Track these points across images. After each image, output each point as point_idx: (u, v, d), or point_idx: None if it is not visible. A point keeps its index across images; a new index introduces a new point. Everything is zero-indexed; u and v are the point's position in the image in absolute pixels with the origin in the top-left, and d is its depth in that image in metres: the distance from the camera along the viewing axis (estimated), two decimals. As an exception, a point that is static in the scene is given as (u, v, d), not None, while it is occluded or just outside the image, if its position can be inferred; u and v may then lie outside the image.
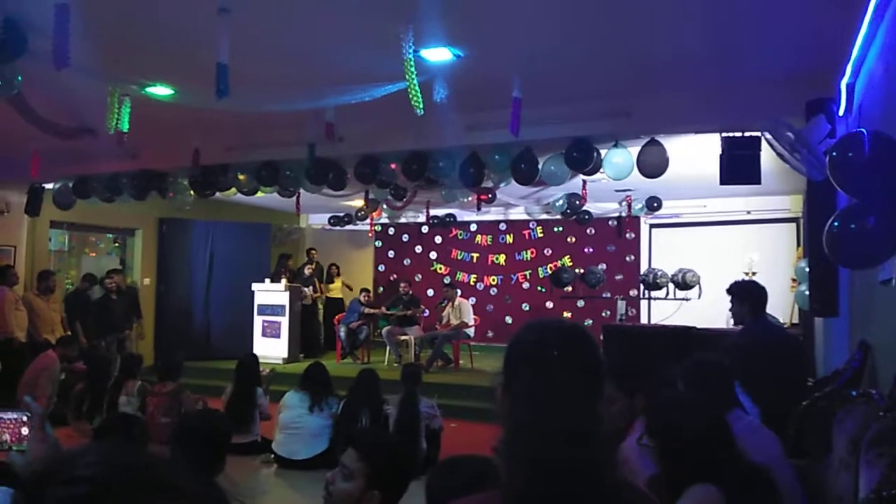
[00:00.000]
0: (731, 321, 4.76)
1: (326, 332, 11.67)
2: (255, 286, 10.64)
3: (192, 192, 8.00)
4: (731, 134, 5.21)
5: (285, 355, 10.18)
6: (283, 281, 10.78)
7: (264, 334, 10.48)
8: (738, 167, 5.15)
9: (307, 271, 11.44)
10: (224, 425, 2.84)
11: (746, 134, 5.16)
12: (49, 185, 8.78)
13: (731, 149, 5.16)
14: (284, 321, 10.38)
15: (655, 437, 2.08)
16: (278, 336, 10.38)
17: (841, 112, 4.47)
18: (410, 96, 4.23)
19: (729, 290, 4.40)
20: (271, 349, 10.14)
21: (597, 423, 1.25)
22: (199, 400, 6.09)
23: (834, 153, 2.80)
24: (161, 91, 5.34)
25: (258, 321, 10.53)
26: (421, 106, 4.32)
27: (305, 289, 11.14)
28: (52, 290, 8.52)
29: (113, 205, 8.61)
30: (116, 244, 11.34)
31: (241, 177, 7.53)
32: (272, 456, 5.94)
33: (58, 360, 7.12)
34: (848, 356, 3.94)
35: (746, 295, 4.37)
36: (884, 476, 1.93)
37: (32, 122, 5.70)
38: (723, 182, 5.30)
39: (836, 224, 2.79)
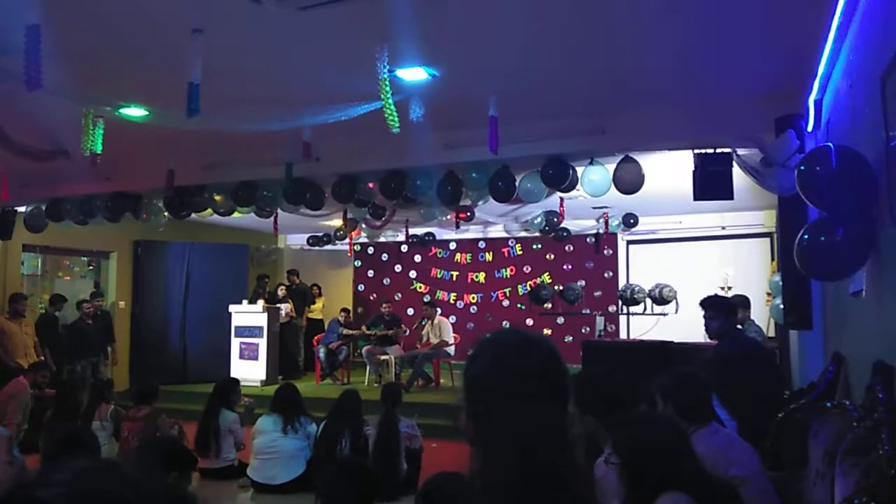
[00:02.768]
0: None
1: (306, 353, 11.57)
2: (232, 308, 10.52)
3: (166, 214, 7.92)
4: (703, 150, 5.29)
5: (263, 377, 10.05)
6: (261, 302, 10.68)
7: (242, 356, 10.34)
8: (711, 183, 5.23)
9: (280, 293, 11.38)
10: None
11: (718, 150, 5.24)
12: (21, 208, 8.66)
13: (703, 165, 5.24)
14: (262, 343, 10.25)
15: (619, 454, 2.10)
16: (256, 358, 10.25)
17: (809, 128, 4.56)
18: (386, 115, 4.25)
19: (709, 305, 4.41)
20: (249, 371, 10.00)
21: (571, 445, 1.22)
22: (175, 424, 5.97)
23: (802, 167, 2.86)
24: (135, 112, 5.30)
25: (235, 343, 10.39)
26: (397, 125, 4.33)
27: (282, 305, 11.05)
28: (21, 314, 8.35)
29: (86, 227, 8.50)
30: (91, 267, 11.17)
31: (217, 197, 7.48)
32: (249, 480, 5.83)
33: (28, 386, 6.96)
34: (822, 368, 3.99)
35: (730, 310, 4.43)
36: (857, 485, 1.95)
37: (5, 146, 5.62)
38: (696, 198, 5.37)
39: (805, 237, 2.83)
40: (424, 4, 3.57)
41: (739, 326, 5.69)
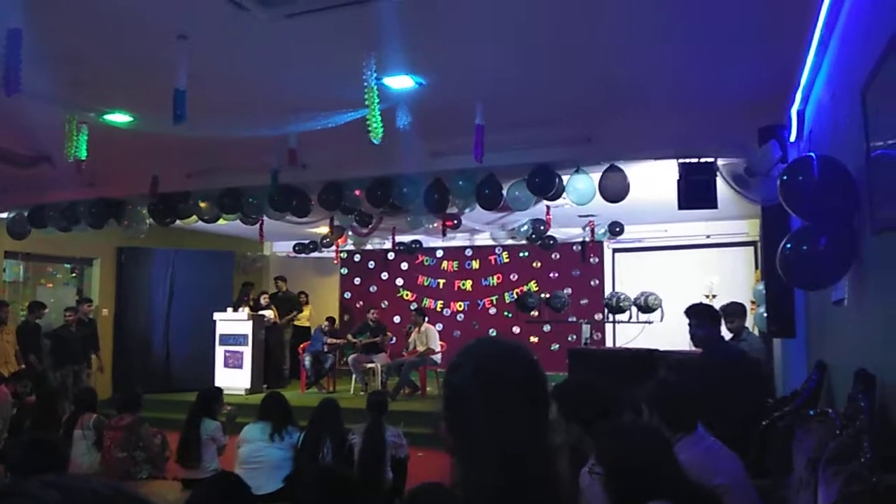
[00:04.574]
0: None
1: (291, 361, 11.51)
2: (216, 315, 10.45)
3: (150, 220, 7.86)
4: (687, 160, 5.34)
5: (248, 386, 9.98)
6: (245, 310, 10.62)
7: (226, 365, 10.26)
8: (696, 192, 5.27)
9: (263, 301, 11.34)
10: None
11: (702, 160, 5.29)
12: (3, 215, 8.57)
13: (688, 174, 5.28)
14: (247, 351, 10.18)
15: (602, 464, 2.09)
16: (240, 366, 10.17)
17: (792, 138, 4.61)
18: (369, 125, 4.24)
19: (694, 313, 4.43)
20: (233, 380, 9.93)
21: (554, 454, 1.22)
22: (158, 434, 5.90)
23: (785, 177, 2.89)
24: (119, 118, 5.26)
25: (220, 351, 10.31)
26: (379, 136, 4.31)
27: (265, 313, 11.01)
28: (3, 322, 8.24)
29: (70, 234, 8.42)
30: (74, 274, 11.06)
31: (202, 204, 7.43)
32: (233, 490, 5.76)
33: (8, 395, 6.86)
34: (806, 376, 4.02)
35: (715, 318, 4.46)
36: (839, 493, 1.96)
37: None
38: (681, 207, 5.41)
39: (788, 246, 2.85)
40: (411, 13, 3.58)
41: (731, 335, 5.70)
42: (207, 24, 3.77)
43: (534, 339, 11.60)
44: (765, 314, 5.22)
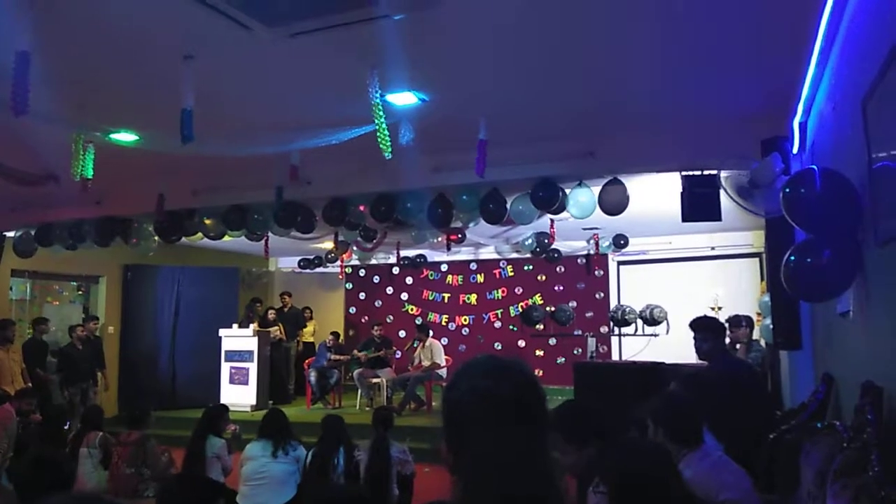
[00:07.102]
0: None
1: (297, 377, 11.50)
2: (222, 332, 10.45)
3: (156, 238, 7.89)
4: (690, 173, 5.35)
5: (253, 402, 9.96)
6: (253, 326, 10.62)
7: (232, 381, 10.25)
8: (699, 205, 5.28)
9: (270, 316, 11.36)
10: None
11: (705, 172, 5.30)
12: (10, 233, 8.62)
13: (691, 187, 5.29)
14: (253, 367, 10.17)
15: (607, 482, 2.08)
16: (246, 383, 10.17)
17: (795, 150, 4.61)
18: (379, 140, 4.27)
19: (699, 326, 4.41)
20: (239, 396, 9.92)
21: (552, 474, 1.22)
22: (165, 451, 5.89)
23: (787, 190, 2.89)
24: (126, 137, 5.31)
25: (225, 368, 10.31)
26: (389, 150, 4.36)
27: (270, 329, 11.03)
28: (10, 340, 8.26)
29: (76, 252, 8.46)
30: (80, 292, 11.10)
31: (207, 221, 7.46)
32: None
33: (14, 413, 6.86)
34: (813, 388, 3.99)
35: (720, 331, 4.44)
36: (848, 508, 1.95)
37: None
38: (685, 219, 5.41)
39: (792, 258, 2.85)
40: (413, 30, 3.61)
41: (739, 346, 5.67)
42: (213, 44, 3.81)
43: (539, 353, 11.57)
44: (771, 326, 5.20)
